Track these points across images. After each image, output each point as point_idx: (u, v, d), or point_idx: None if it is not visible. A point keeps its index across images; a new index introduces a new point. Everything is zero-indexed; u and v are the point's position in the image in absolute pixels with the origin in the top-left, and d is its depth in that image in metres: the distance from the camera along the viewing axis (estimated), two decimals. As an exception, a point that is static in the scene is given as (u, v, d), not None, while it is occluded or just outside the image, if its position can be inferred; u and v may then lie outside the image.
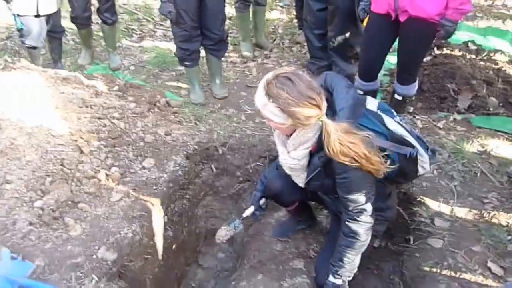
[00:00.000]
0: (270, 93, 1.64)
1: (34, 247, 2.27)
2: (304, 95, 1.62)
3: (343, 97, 1.77)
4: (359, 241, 1.91)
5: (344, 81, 1.86)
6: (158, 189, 2.76)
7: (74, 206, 2.52)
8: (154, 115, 3.30)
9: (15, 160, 2.57)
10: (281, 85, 1.63)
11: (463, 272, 2.13)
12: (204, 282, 3.19)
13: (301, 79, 1.65)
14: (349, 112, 1.74)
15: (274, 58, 4.52)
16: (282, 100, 1.62)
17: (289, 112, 1.64)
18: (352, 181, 1.78)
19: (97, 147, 2.82)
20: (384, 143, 1.81)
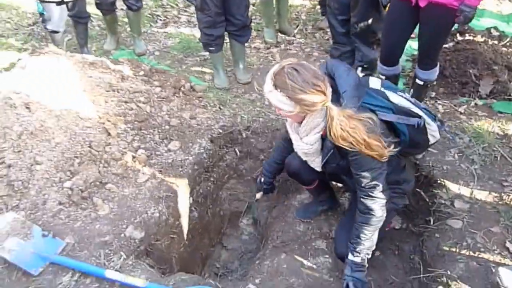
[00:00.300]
0: (277, 83, 1.74)
1: (64, 226, 2.33)
2: (310, 82, 1.71)
3: (344, 80, 1.83)
4: (375, 216, 1.95)
5: (343, 65, 1.92)
6: (184, 171, 2.78)
7: (102, 187, 2.57)
8: (179, 100, 3.32)
9: (45, 141, 2.63)
10: (288, 75, 1.71)
11: (481, 252, 2.15)
12: (228, 263, 3.22)
13: (306, 69, 1.74)
14: (352, 92, 1.81)
15: (297, 44, 4.46)
16: (289, 89, 1.71)
17: (296, 99, 1.73)
18: (363, 158, 1.83)
19: (124, 130, 2.86)
20: (391, 116, 1.90)
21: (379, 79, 2.04)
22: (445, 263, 2.13)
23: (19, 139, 2.60)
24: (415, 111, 1.96)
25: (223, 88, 3.58)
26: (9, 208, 2.39)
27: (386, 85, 2.02)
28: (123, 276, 2.02)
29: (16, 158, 2.54)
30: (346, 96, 1.79)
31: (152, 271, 2.15)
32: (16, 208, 2.40)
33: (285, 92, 1.72)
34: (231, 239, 3.39)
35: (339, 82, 1.83)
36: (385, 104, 1.90)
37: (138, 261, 2.21)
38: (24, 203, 2.42)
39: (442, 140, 2.84)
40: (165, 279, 2.10)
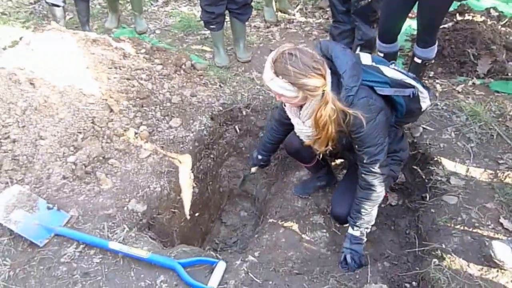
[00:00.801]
0: (277, 70, 1.73)
1: (68, 199, 2.39)
2: (310, 66, 1.71)
3: (342, 60, 1.83)
4: (375, 192, 2.03)
5: (339, 45, 1.91)
6: (185, 147, 2.83)
7: (105, 162, 2.62)
8: (180, 77, 3.34)
9: (49, 117, 2.67)
10: (287, 61, 1.71)
11: (476, 227, 2.20)
12: (227, 238, 3.30)
13: (303, 53, 1.73)
14: (351, 72, 1.82)
15: (297, 23, 4.45)
16: (291, 75, 1.71)
17: (298, 84, 1.73)
18: (366, 134, 1.88)
19: (126, 107, 2.90)
20: (388, 90, 1.95)
21: (369, 55, 2.06)
22: (440, 237, 2.18)
23: (24, 114, 2.64)
24: (408, 81, 2.00)
25: (224, 66, 3.60)
26: (14, 182, 2.45)
27: (377, 59, 2.05)
28: (126, 248, 2.09)
29: (20, 133, 2.59)
30: (346, 76, 1.80)
31: (154, 243, 2.22)
32: (21, 182, 2.46)
33: (287, 78, 1.72)
34: (230, 215, 3.47)
35: (337, 63, 1.83)
36: (381, 79, 1.93)
37: (140, 234, 2.27)
38: (29, 177, 2.48)
39: (439, 118, 2.91)
40: (167, 251, 2.17)
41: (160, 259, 2.04)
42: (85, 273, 2.04)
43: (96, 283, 2.00)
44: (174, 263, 2.02)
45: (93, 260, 2.10)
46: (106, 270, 2.06)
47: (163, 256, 2.06)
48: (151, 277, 2.03)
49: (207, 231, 3.26)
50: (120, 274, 2.05)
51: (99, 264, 2.09)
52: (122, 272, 2.06)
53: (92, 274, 2.04)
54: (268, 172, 3.24)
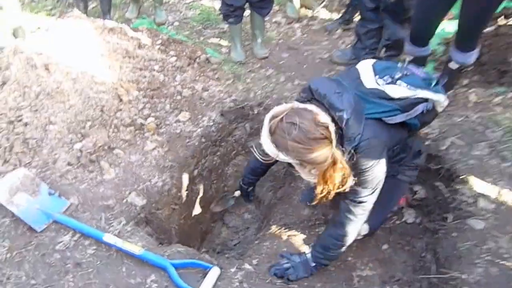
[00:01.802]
0: (278, 144, 1.58)
1: (70, 186, 2.41)
2: (314, 137, 1.55)
3: (340, 106, 1.64)
4: (345, 234, 1.93)
5: (331, 84, 1.73)
6: (191, 143, 2.81)
7: (110, 151, 2.63)
8: (193, 71, 3.31)
9: (60, 103, 2.68)
10: (287, 134, 1.54)
11: (504, 258, 1.96)
12: (227, 240, 3.26)
13: (304, 118, 1.56)
14: (354, 119, 1.64)
15: (321, 20, 4.34)
16: (293, 151, 1.56)
17: (305, 161, 1.60)
18: (368, 177, 1.76)
19: (136, 97, 2.89)
20: (400, 117, 1.77)
21: (371, 65, 1.85)
22: (461, 266, 1.99)
23: (37, 99, 2.66)
24: (419, 96, 1.80)
25: (239, 61, 3.55)
26: (22, 164, 2.48)
27: (379, 67, 1.82)
28: (120, 242, 2.09)
29: (32, 117, 2.61)
30: (348, 127, 1.63)
31: (149, 239, 2.22)
32: (28, 165, 2.49)
33: (291, 155, 1.57)
34: (233, 217, 3.40)
35: (336, 114, 1.63)
36: (390, 107, 1.74)
37: (137, 228, 2.27)
38: (36, 161, 2.50)
39: (470, 132, 2.63)
40: (161, 249, 2.16)
41: (152, 257, 2.04)
42: (78, 263, 2.05)
43: (87, 275, 2.01)
44: (166, 263, 2.01)
45: (87, 251, 2.11)
46: (98, 263, 2.06)
47: (156, 255, 2.06)
48: (142, 274, 2.03)
49: (207, 231, 3.25)
50: (111, 268, 2.05)
51: (92, 255, 2.10)
52: (113, 266, 2.06)
53: (84, 265, 2.05)
54: (275, 175, 3.19)
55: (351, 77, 1.83)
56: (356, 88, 1.77)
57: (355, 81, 1.80)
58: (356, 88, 1.77)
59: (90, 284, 1.98)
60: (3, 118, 2.61)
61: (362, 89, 1.77)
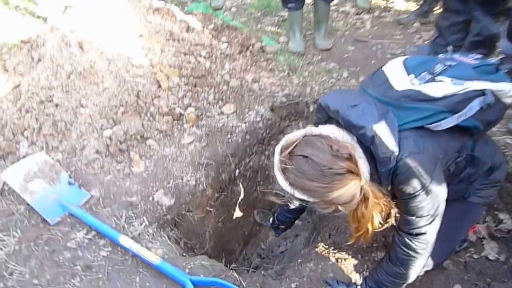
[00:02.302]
0: (293, 183, 1.26)
1: (94, 177, 2.15)
2: (332, 173, 1.22)
3: (358, 121, 1.29)
4: (403, 274, 1.52)
5: (344, 97, 1.39)
6: (233, 139, 2.45)
7: (142, 142, 2.34)
8: (245, 59, 2.96)
9: (93, 85, 2.45)
10: (301, 172, 1.23)
11: None
12: (274, 246, 2.90)
13: (317, 148, 1.24)
14: (383, 134, 1.26)
15: (395, 12, 3.81)
16: (311, 190, 1.25)
17: (327, 201, 1.28)
18: (416, 203, 1.37)
19: (177, 84, 2.59)
20: (449, 121, 1.31)
21: (398, 60, 1.47)
22: None
23: (68, 78, 2.45)
24: (472, 88, 1.34)
25: (297, 52, 3.14)
26: (50, 148, 2.27)
27: (412, 64, 1.42)
28: (136, 246, 1.77)
29: (63, 98, 2.40)
30: (378, 147, 1.27)
31: (171, 247, 1.88)
32: (55, 149, 2.28)
33: (309, 195, 1.26)
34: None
35: (358, 132, 1.30)
36: (432, 110, 1.32)
37: (159, 232, 1.95)
38: (64, 145, 2.29)
39: None
40: (183, 260, 1.81)
41: (170, 269, 1.69)
42: (88, 266, 1.76)
43: (96, 281, 1.71)
44: (185, 278, 1.66)
45: (100, 252, 1.82)
46: (109, 268, 1.76)
47: (174, 267, 1.71)
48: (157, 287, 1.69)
49: (251, 234, 2.88)
50: (124, 275, 1.74)
51: (105, 258, 1.80)
52: (126, 273, 1.74)
53: (94, 268, 1.76)
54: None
55: (376, 82, 1.45)
56: (383, 94, 1.39)
57: (381, 86, 1.41)
58: (383, 94, 1.39)
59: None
60: (34, 98, 2.42)
61: (391, 94, 1.37)
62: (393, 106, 1.34)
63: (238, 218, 2.64)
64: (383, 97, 1.37)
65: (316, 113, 1.51)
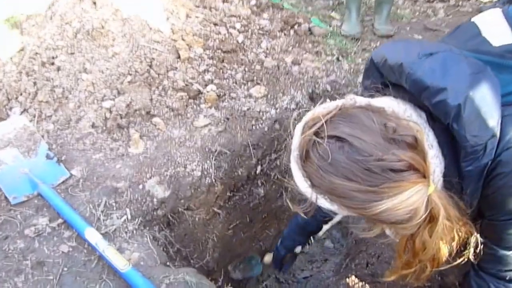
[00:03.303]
0: (317, 182, 0.82)
1: (81, 153, 1.76)
2: (386, 167, 0.75)
3: (435, 81, 0.79)
4: None
5: (413, 46, 0.88)
6: (259, 127, 1.97)
7: (147, 119, 1.92)
8: (287, 38, 2.48)
9: (101, 48, 2.08)
10: (331, 165, 0.78)
11: None
12: (297, 269, 2.37)
13: (365, 128, 0.78)
14: (478, 106, 0.76)
15: (476, 1, 3.16)
16: (345, 198, 0.79)
17: (369, 217, 0.80)
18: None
19: (199, 56, 2.16)
20: None
21: (497, 10, 0.97)
22: None
23: (75, 38, 2.10)
24: None
25: (351, 36, 2.61)
26: (42, 117, 1.93)
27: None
28: (104, 245, 1.33)
29: (66, 61, 2.06)
30: (470, 115, 0.77)
31: (152, 251, 1.41)
32: (48, 118, 1.93)
33: (341, 203, 0.81)
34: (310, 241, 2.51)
35: (431, 98, 0.80)
36: None
37: (142, 230, 1.50)
38: (58, 116, 1.94)
39: None
40: (163, 271, 1.34)
41: (139, 281, 1.23)
42: (40, 262, 1.35)
43: (42, 284, 1.29)
44: (155, 297, 1.19)
45: (61, 247, 1.40)
46: (65, 269, 1.33)
47: (145, 280, 1.24)
48: (117, 305, 1.23)
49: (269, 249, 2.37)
50: (80, 281, 1.30)
51: (64, 256, 1.38)
52: (85, 279, 1.31)
53: (47, 267, 1.34)
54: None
55: (463, 35, 0.97)
56: (476, 49, 0.91)
57: (472, 40, 0.94)
58: (476, 49, 0.91)
59: (39, 300, 1.24)
60: (37, 59, 2.09)
61: (487, 50, 0.89)
62: (493, 65, 0.83)
63: (255, 228, 2.15)
64: (475, 53, 0.86)
65: (364, 78, 1.01)
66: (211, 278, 1.73)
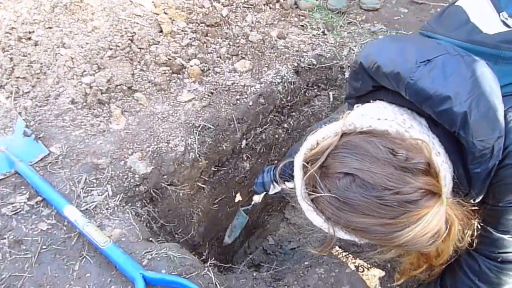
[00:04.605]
0: (332, 218, 0.78)
1: (61, 130, 1.71)
2: (403, 200, 0.71)
3: (439, 89, 0.75)
4: None
5: (406, 47, 0.83)
6: (243, 101, 1.93)
7: (129, 94, 1.88)
8: (272, 12, 2.43)
9: (80, 22, 2.01)
10: (345, 203, 0.74)
11: None
12: (284, 240, 2.38)
13: (374, 160, 0.73)
14: (483, 109, 0.73)
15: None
16: (365, 233, 0.77)
17: (388, 244, 0.79)
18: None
19: (182, 29, 2.10)
20: None
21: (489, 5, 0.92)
22: None
23: (52, 12, 2.03)
24: None
25: (337, 9, 2.56)
26: (20, 93, 1.86)
27: None
28: (84, 222, 1.30)
29: (44, 36, 1.99)
30: (477, 120, 0.74)
31: (134, 227, 1.39)
32: (25, 95, 1.87)
33: (360, 235, 0.78)
34: (297, 212, 2.53)
35: (435, 107, 0.77)
36: None
37: (124, 206, 1.47)
38: (36, 92, 1.87)
39: None
40: (144, 247, 1.32)
41: (120, 258, 1.21)
42: (17, 241, 1.32)
43: (20, 262, 1.26)
44: (136, 273, 1.17)
45: (39, 225, 1.37)
46: (44, 247, 1.30)
47: (126, 256, 1.22)
48: (98, 281, 1.21)
49: (258, 224, 2.37)
50: (60, 259, 1.28)
51: (42, 233, 1.34)
52: (65, 257, 1.28)
53: (24, 245, 1.31)
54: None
55: (451, 22, 0.93)
56: (469, 39, 0.87)
57: (461, 28, 0.90)
58: (469, 39, 0.87)
59: (16, 278, 1.22)
60: (13, 34, 2.01)
61: (481, 40, 0.85)
62: (488, 56, 0.81)
63: (242, 202, 2.13)
64: (469, 43, 0.84)
65: (352, 79, 0.97)
66: (196, 252, 1.72)
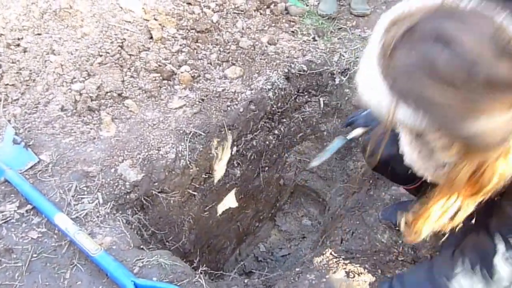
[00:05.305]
0: (401, 86, 0.70)
1: (51, 137, 1.70)
2: (490, 80, 0.64)
3: None
4: None
5: None
6: (234, 108, 1.94)
7: (119, 101, 1.87)
8: (263, 18, 2.44)
9: (70, 28, 2.01)
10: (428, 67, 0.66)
11: None
12: (276, 248, 2.39)
13: (474, 32, 0.65)
14: None
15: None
16: (436, 110, 0.67)
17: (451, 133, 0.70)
18: None
19: (173, 36, 2.10)
20: None
21: None
22: None
23: (41, 19, 2.03)
24: None
25: (328, 15, 2.58)
26: (9, 100, 1.85)
27: None
28: (75, 230, 1.30)
29: (33, 43, 1.98)
30: None
31: (125, 235, 1.39)
32: (14, 102, 1.86)
33: (427, 113, 0.69)
34: (288, 219, 2.54)
35: None
36: None
37: (115, 214, 1.47)
38: (26, 99, 1.86)
39: None
40: (135, 255, 1.32)
41: (110, 265, 1.21)
42: (8, 249, 1.32)
43: (11, 271, 1.26)
44: (127, 280, 1.17)
45: (30, 233, 1.36)
46: (35, 255, 1.30)
47: (117, 263, 1.22)
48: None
49: (248, 231, 2.38)
50: (51, 268, 1.27)
51: (33, 242, 1.34)
52: (56, 265, 1.28)
53: (15, 253, 1.31)
54: (350, 174, 2.20)
55: None
56: None
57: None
58: None
59: (6, 286, 1.21)
60: (2, 40, 2.00)
61: None
62: None
63: (232, 209, 2.14)
64: None
65: None
66: (187, 260, 1.72)
